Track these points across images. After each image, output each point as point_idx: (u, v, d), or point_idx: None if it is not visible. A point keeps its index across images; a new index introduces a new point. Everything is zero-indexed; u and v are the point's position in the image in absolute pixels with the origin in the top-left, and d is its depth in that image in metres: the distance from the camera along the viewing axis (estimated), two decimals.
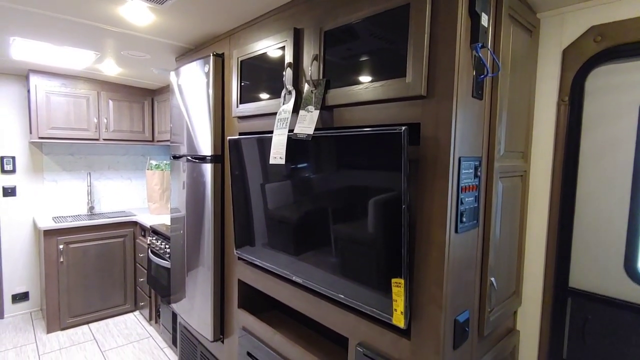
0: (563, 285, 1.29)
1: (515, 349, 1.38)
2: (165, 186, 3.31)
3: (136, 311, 3.29)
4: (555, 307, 1.30)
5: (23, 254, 3.15)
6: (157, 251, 2.63)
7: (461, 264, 1.02)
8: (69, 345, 2.70)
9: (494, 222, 1.12)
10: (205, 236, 1.91)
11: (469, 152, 1.01)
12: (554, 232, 1.29)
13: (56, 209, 3.28)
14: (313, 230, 1.28)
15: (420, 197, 1.00)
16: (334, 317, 1.26)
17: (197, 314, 2.01)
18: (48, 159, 3.21)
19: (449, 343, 1.00)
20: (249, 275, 1.70)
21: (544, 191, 1.32)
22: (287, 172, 1.37)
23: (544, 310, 1.33)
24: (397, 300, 1.01)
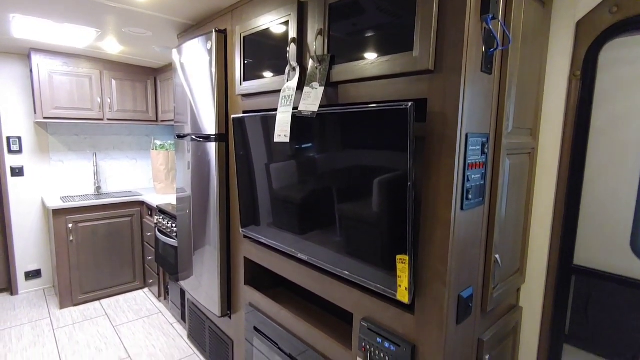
0: (567, 263, 1.29)
1: (518, 324, 1.40)
2: (171, 166, 3.32)
3: (145, 288, 3.37)
4: (559, 284, 1.31)
5: (33, 233, 3.21)
6: (164, 230, 2.66)
7: (466, 241, 1.02)
8: (81, 320, 2.79)
9: (500, 199, 1.12)
10: (211, 215, 1.93)
11: (476, 128, 0.99)
12: (561, 210, 1.29)
13: (64, 188, 3.31)
14: (318, 210, 1.29)
15: (426, 174, 0.99)
16: (338, 293, 1.28)
17: (205, 291, 2.05)
18: (54, 139, 3.22)
19: (452, 318, 1.01)
20: (255, 253, 1.72)
21: (552, 169, 1.30)
22: (292, 150, 1.36)
23: (547, 287, 1.34)
24: (402, 276, 1.02)
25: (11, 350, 2.38)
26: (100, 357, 2.33)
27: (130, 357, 2.33)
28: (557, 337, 1.33)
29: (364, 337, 1.18)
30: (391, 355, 1.09)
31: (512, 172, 1.17)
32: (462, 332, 1.07)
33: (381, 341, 1.12)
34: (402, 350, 1.06)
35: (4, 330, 2.62)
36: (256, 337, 1.75)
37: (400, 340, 1.07)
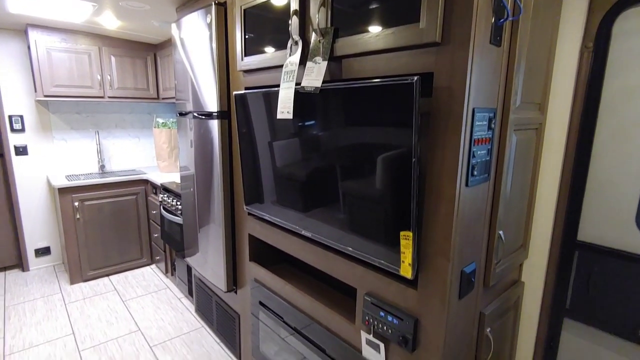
0: (571, 238, 1.29)
1: (519, 299, 1.42)
2: (173, 144, 3.31)
3: (152, 264, 3.44)
4: (562, 260, 1.32)
5: (40, 211, 3.25)
6: (169, 208, 2.69)
7: (470, 217, 1.02)
8: (92, 295, 2.87)
9: (505, 175, 1.11)
10: (215, 193, 1.94)
11: (483, 103, 0.97)
12: (566, 186, 1.28)
13: (68, 167, 3.33)
14: (322, 187, 1.28)
15: (430, 150, 0.98)
16: (342, 269, 1.30)
17: (211, 267, 2.09)
18: (55, 117, 3.20)
19: (454, 293, 1.02)
20: (259, 230, 1.73)
21: (559, 144, 1.28)
22: (295, 127, 1.35)
23: (550, 262, 1.35)
24: (405, 252, 1.03)
25: (25, 324, 2.46)
26: (111, 330, 2.41)
27: (141, 330, 2.41)
28: (557, 311, 1.35)
29: (367, 311, 1.20)
30: (394, 328, 1.12)
31: (518, 148, 1.16)
32: (464, 306, 1.09)
33: (384, 315, 1.15)
34: (405, 324, 1.09)
35: (17, 304, 2.71)
36: (261, 311, 1.79)
37: (403, 314, 1.10)
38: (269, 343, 1.79)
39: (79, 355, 2.15)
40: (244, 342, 2.03)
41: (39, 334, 2.35)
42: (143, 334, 2.36)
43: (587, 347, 1.30)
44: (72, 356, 2.14)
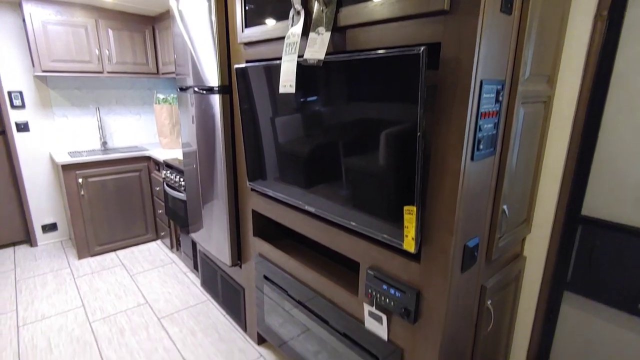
0: (575, 213, 1.29)
1: (521, 273, 1.43)
2: (175, 120, 3.28)
3: (158, 240, 3.49)
4: (565, 234, 1.32)
5: (45, 188, 3.28)
6: (172, 184, 2.69)
7: (475, 191, 1.01)
8: (100, 269, 2.93)
9: (511, 150, 1.09)
10: (218, 170, 1.94)
11: (491, 74, 0.94)
12: (573, 160, 1.26)
13: (70, 144, 3.32)
14: (325, 163, 1.27)
15: (436, 124, 0.96)
16: (345, 243, 1.31)
17: (215, 243, 2.11)
18: (55, 93, 3.17)
19: (457, 267, 1.03)
20: (263, 205, 1.74)
21: (567, 118, 1.25)
22: (298, 102, 1.32)
23: (552, 237, 1.35)
24: (409, 226, 1.03)
25: (37, 297, 2.53)
26: (120, 302, 2.47)
27: (148, 302, 2.48)
28: (558, 284, 1.37)
29: (370, 284, 1.22)
30: (396, 300, 1.14)
31: (525, 121, 1.13)
32: (466, 279, 1.10)
33: (387, 288, 1.16)
34: (407, 297, 1.10)
35: (28, 278, 2.77)
36: (266, 285, 1.82)
37: (405, 287, 1.11)
38: (274, 315, 1.83)
39: (90, 327, 2.22)
40: (249, 314, 2.08)
41: (50, 306, 2.42)
42: (151, 307, 2.43)
43: (586, 319, 1.32)
44: (83, 327, 2.21)
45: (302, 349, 1.68)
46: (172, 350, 2.02)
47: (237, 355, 1.99)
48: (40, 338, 2.12)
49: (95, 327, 2.21)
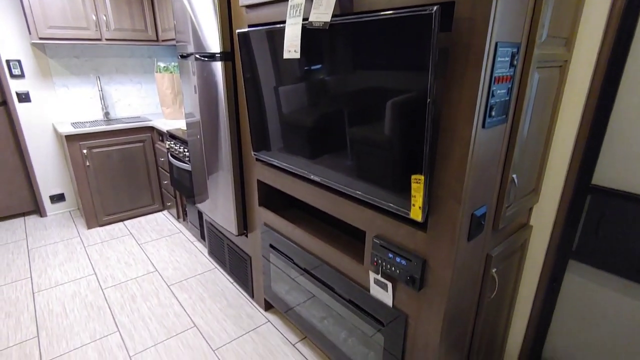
0: (585, 182, 1.27)
1: (526, 242, 1.44)
2: (177, 90, 3.22)
3: (164, 210, 3.53)
4: (573, 203, 1.31)
5: (50, 159, 3.29)
6: (176, 155, 2.69)
7: (484, 160, 0.99)
8: (109, 239, 2.99)
9: (524, 117, 1.06)
10: (222, 140, 1.92)
11: (507, 36, 0.89)
12: (586, 128, 1.22)
13: (72, 114, 3.29)
14: (331, 133, 1.25)
15: (447, 89, 0.92)
16: (351, 212, 1.31)
17: (221, 213, 2.13)
18: (54, 62, 3.10)
19: (463, 235, 1.03)
20: (268, 175, 1.73)
21: (583, 84, 1.21)
22: (302, 68, 1.28)
23: (560, 206, 1.34)
24: (416, 195, 1.02)
25: (49, 265, 2.60)
26: (130, 270, 2.54)
27: (158, 270, 2.54)
28: (564, 253, 1.37)
29: (375, 252, 1.23)
30: (402, 269, 1.15)
31: (540, 87, 1.09)
32: (472, 248, 1.11)
33: (392, 256, 1.17)
34: (413, 265, 1.11)
35: (40, 247, 2.84)
36: (272, 253, 1.85)
37: (411, 255, 1.12)
38: (280, 283, 1.87)
39: (102, 293, 2.29)
40: (255, 281, 2.13)
41: (63, 273, 2.50)
42: (160, 274, 2.49)
43: (590, 287, 1.33)
44: (96, 293, 2.29)
45: (307, 315, 1.73)
46: (182, 315, 2.09)
47: (245, 320, 2.06)
48: (56, 303, 2.19)
49: (108, 294, 2.29)
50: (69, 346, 1.87)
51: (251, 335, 1.95)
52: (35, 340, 1.92)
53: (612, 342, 1.32)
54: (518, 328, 1.58)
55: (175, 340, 1.91)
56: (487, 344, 1.46)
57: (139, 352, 1.83)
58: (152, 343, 1.89)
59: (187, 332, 1.97)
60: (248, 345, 1.88)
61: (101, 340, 1.91)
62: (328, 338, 1.63)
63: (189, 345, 1.88)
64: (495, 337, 1.52)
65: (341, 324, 1.53)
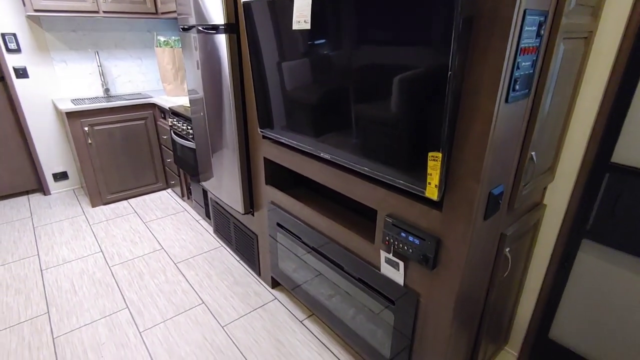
0: (604, 160, 1.23)
1: (539, 221, 1.41)
2: (178, 65, 3.14)
3: (168, 189, 3.52)
4: (590, 182, 1.27)
5: (52, 136, 3.24)
6: (179, 133, 2.64)
7: (505, 136, 0.95)
8: (114, 217, 2.99)
9: (546, 91, 1.01)
10: (226, 117, 1.87)
11: (535, 3, 0.83)
12: (609, 104, 1.17)
13: (72, 91, 3.23)
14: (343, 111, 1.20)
15: (469, 61, 0.87)
16: (362, 191, 1.28)
17: (227, 191, 2.11)
18: (50, 36, 3.01)
19: (480, 214, 1.00)
20: (275, 153, 1.70)
21: (608, 56, 1.15)
22: (313, 41, 1.22)
23: (577, 185, 1.31)
24: (432, 174, 0.99)
25: (56, 242, 2.61)
26: (136, 248, 2.55)
27: (164, 248, 2.55)
28: (577, 233, 1.35)
29: (387, 231, 1.21)
30: (415, 248, 1.13)
31: (564, 59, 1.03)
32: (488, 227, 1.08)
33: (405, 235, 1.15)
34: (427, 244, 1.09)
35: (46, 225, 2.84)
36: (279, 232, 1.84)
37: (425, 234, 1.10)
38: (287, 261, 1.87)
39: (110, 270, 2.31)
40: (262, 260, 2.13)
41: (70, 251, 2.51)
42: (167, 252, 2.50)
43: (603, 266, 1.32)
44: (103, 271, 2.30)
45: (315, 292, 1.73)
46: (190, 292, 2.11)
47: (252, 297, 2.07)
48: (64, 280, 2.21)
49: (115, 271, 2.30)
50: (79, 322, 1.90)
51: (259, 312, 1.97)
52: (46, 316, 1.94)
53: (623, 321, 1.31)
54: (526, 307, 1.58)
55: (184, 317, 1.93)
56: (495, 322, 1.47)
57: (149, 328, 1.86)
58: (161, 319, 1.91)
59: (196, 308, 1.99)
60: (256, 322, 1.90)
61: (111, 316, 1.94)
62: (336, 315, 1.64)
63: (198, 321, 1.90)
64: (503, 316, 1.52)
65: (349, 302, 1.53)
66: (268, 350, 1.73)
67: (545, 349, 1.55)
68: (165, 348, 1.74)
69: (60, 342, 1.77)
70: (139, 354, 1.71)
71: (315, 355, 1.71)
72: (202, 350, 1.73)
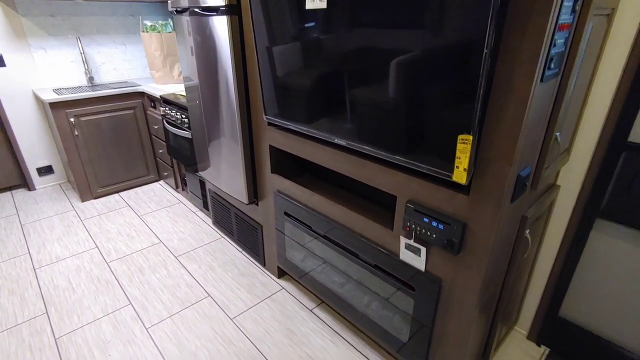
0: (621, 139, 1.23)
1: (553, 203, 1.42)
2: (167, 51, 3.00)
3: (161, 181, 3.41)
4: (606, 161, 1.28)
5: (35, 128, 3.08)
6: (173, 122, 2.54)
7: (535, 117, 0.93)
8: (106, 211, 2.88)
9: (574, 69, 0.99)
10: (223, 105, 1.79)
11: None
12: (627, 82, 1.17)
13: (53, 80, 3.05)
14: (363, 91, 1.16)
15: (505, 39, 0.84)
16: (380, 177, 1.25)
17: (227, 181, 2.05)
18: (27, 21, 2.82)
19: (508, 197, 0.99)
20: (282, 140, 1.64)
21: (628, 33, 1.13)
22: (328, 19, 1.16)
23: (592, 165, 1.31)
24: (461, 157, 0.96)
25: (47, 240, 2.50)
26: (133, 243, 2.47)
27: (163, 242, 2.48)
28: (591, 212, 1.36)
29: (409, 217, 1.18)
30: (439, 233, 1.11)
31: (591, 36, 1.01)
32: (512, 209, 1.07)
33: (428, 221, 1.13)
34: (452, 229, 1.08)
35: (34, 222, 2.72)
36: (287, 221, 1.80)
37: (449, 219, 1.08)
38: (295, 250, 1.84)
39: (108, 266, 2.23)
40: (267, 250, 2.10)
41: (63, 248, 2.41)
42: (166, 246, 2.43)
43: (617, 245, 1.34)
44: (101, 267, 2.22)
45: (326, 281, 1.71)
46: (194, 286, 2.06)
47: (259, 288, 2.04)
48: (60, 278, 2.13)
49: (114, 267, 2.23)
50: (81, 321, 1.83)
51: (267, 302, 1.94)
52: (45, 316, 1.86)
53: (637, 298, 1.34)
54: (537, 287, 1.60)
55: (191, 311, 1.88)
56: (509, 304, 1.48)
57: (155, 323, 1.81)
58: (168, 314, 1.86)
59: (202, 302, 1.95)
60: (265, 313, 1.87)
61: (114, 313, 1.87)
62: (348, 302, 1.63)
63: (206, 314, 1.86)
64: (515, 297, 1.54)
65: (363, 290, 1.51)
66: (280, 340, 1.71)
67: (555, 327, 1.59)
68: (175, 343, 1.70)
69: (64, 342, 1.71)
70: (148, 350, 1.66)
71: (328, 342, 1.70)
72: (212, 344, 1.69)
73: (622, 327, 1.40)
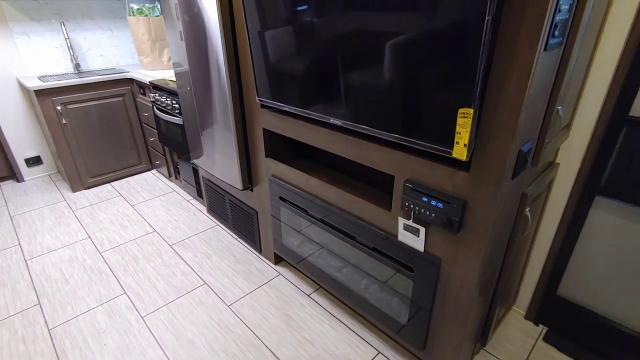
0: (622, 114, 1.20)
1: (553, 180, 1.40)
2: (155, 36, 2.91)
3: (153, 169, 3.36)
4: (606, 137, 1.25)
5: (20, 118, 2.99)
6: (163, 108, 2.47)
7: (537, 89, 0.90)
8: (98, 201, 2.83)
9: (578, 39, 0.95)
10: (215, 91, 1.74)
11: None
12: (630, 54, 1.14)
13: (37, 67, 2.96)
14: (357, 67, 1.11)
15: (507, 4, 0.80)
16: (377, 157, 1.21)
17: (221, 168, 2.00)
18: (7, 5, 2.71)
19: (509, 173, 0.96)
20: (276, 123, 1.60)
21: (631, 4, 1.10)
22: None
23: (592, 141, 1.29)
24: (461, 132, 0.93)
25: (38, 231, 2.45)
26: (126, 232, 2.43)
27: (157, 231, 2.44)
28: (590, 190, 1.34)
29: (407, 197, 1.16)
30: (438, 212, 1.09)
31: (595, 4, 0.98)
32: (513, 186, 1.05)
33: (427, 200, 1.11)
34: (452, 207, 1.05)
35: (24, 213, 2.66)
36: (283, 206, 1.77)
37: (449, 197, 1.05)
38: (291, 235, 1.81)
39: (101, 256, 2.19)
40: (263, 236, 2.07)
41: (55, 239, 2.36)
42: (160, 235, 2.39)
43: (617, 222, 1.32)
44: (94, 257, 2.18)
45: (323, 265, 1.69)
46: (190, 274, 2.03)
47: (256, 274, 2.02)
48: (52, 270, 2.09)
49: (107, 257, 2.19)
50: (75, 311, 1.80)
51: (264, 288, 1.92)
52: (37, 307, 1.83)
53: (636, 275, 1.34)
54: (535, 265, 1.60)
55: (187, 299, 1.86)
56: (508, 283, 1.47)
57: (151, 312, 1.78)
58: (163, 302, 1.84)
59: (198, 289, 1.92)
60: (262, 299, 1.85)
61: (109, 303, 1.85)
62: (345, 286, 1.61)
63: (202, 302, 1.84)
64: (514, 276, 1.53)
65: (361, 273, 1.50)
66: (278, 326, 1.70)
67: (553, 306, 1.59)
68: (171, 331, 1.68)
69: (57, 333, 1.68)
70: (144, 339, 1.64)
71: (326, 327, 1.69)
72: (210, 331, 1.67)
73: (620, 304, 1.40)
